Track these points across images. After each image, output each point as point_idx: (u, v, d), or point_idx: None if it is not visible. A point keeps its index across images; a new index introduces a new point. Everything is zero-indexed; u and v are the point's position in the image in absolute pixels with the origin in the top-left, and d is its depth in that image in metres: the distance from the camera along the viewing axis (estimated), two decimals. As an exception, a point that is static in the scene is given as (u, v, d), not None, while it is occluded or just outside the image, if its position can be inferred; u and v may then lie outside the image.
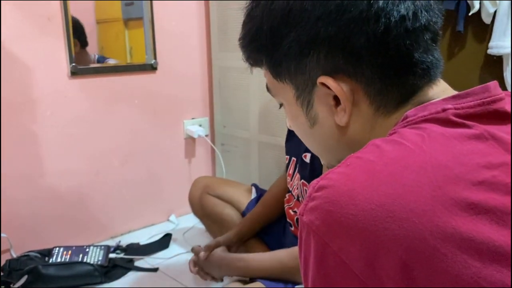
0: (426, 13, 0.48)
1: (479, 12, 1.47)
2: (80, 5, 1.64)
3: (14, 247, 1.60)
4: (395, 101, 0.49)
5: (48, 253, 1.57)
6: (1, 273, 1.47)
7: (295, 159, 1.29)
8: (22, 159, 1.58)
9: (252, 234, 1.44)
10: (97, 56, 1.73)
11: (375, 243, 0.37)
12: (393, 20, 0.45)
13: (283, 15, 0.49)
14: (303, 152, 1.23)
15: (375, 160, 0.41)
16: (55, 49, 1.59)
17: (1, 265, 1.50)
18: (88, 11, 1.72)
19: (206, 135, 2.06)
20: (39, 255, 1.56)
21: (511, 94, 0.48)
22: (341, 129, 0.51)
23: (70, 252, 1.56)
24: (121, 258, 1.63)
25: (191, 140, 2.05)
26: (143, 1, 1.78)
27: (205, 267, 1.32)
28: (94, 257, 1.55)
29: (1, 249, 1.56)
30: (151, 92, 1.87)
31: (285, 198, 1.38)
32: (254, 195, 1.57)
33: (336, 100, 0.50)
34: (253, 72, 0.60)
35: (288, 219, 1.36)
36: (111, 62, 1.77)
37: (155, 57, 1.84)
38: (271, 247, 1.42)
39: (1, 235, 1.54)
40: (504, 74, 1.47)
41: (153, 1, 1.79)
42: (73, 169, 1.71)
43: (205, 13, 1.97)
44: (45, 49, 1.57)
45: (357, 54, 0.47)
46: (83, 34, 1.68)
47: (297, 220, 1.30)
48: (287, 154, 1.36)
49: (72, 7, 1.58)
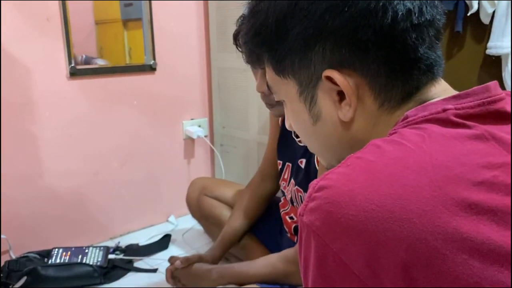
0: (430, 9, 0.48)
1: (477, 12, 1.47)
2: (79, 5, 1.64)
3: (13, 248, 1.60)
4: (399, 97, 0.49)
5: (47, 254, 1.57)
6: (1, 274, 1.47)
7: (290, 165, 1.27)
8: (21, 160, 1.58)
9: (233, 246, 1.40)
10: (84, 57, 1.72)
11: (375, 243, 0.37)
12: (400, 13, 0.46)
13: (289, 7, 0.49)
14: (299, 158, 1.22)
15: (376, 160, 0.41)
16: (54, 50, 1.59)
17: (0, 266, 1.50)
18: (87, 11, 1.72)
19: (205, 136, 2.06)
20: (38, 256, 1.55)
21: (511, 94, 0.48)
22: (344, 125, 0.51)
23: (69, 253, 1.56)
24: (121, 259, 1.63)
25: (190, 141, 2.05)
26: (142, 2, 1.78)
27: (184, 279, 1.26)
28: (94, 258, 1.55)
29: (0, 250, 1.55)
30: (150, 93, 1.86)
31: (280, 202, 1.37)
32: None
33: (340, 96, 0.50)
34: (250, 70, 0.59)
35: (285, 226, 1.35)
36: (99, 62, 1.75)
37: (154, 58, 1.84)
38: (268, 247, 1.42)
39: (1, 236, 1.54)
40: (503, 74, 1.47)
41: (152, 2, 1.79)
42: (72, 170, 1.71)
43: (204, 14, 1.97)
44: (44, 50, 1.56)
45: (364, 47, 0.47)
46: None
47: (294, 229, 1.29)
48: (279, 159, 1.33)
49: (71, 7, 1.58)
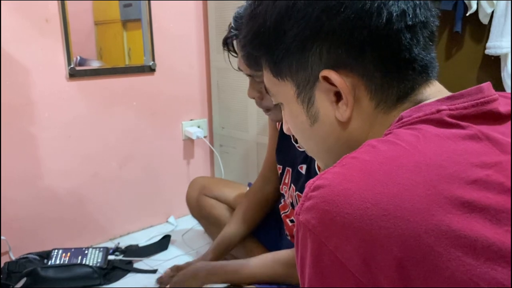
0: (424, 11, 0.49)
1: (476, 12, 1.47)
2: (78, 6, 1.64)
3: (13, 249, 1.59)
4: (394, 97, 0.50)
5: (47, 255, 1.56)
6: (0, 276, 1.47)
7: (290, 169, 1.27)
8: (21, 161, 1.58)
9: (228, 251, 1.39)
10: (79, 58, 1.70)
11: (370, 241, 0.38)
12: (394, 14, 0.47)
13: (287, 9, 0.50)
14: (299, 164, 1.21)
15: (371, 160, 0.42)
16: (53, 51, 1.58)
17: (0, 267, 1.50)
18: (86, 12, 1.72)
19: (205, 137, 2.06)
20: (38, 257, 1.55)
21: (511, 94, 0.48)
22: (341, 125, 0.52)
23: (69, 254, 1.56)
24: (120, 260, 1.63)
25: (189, 142, 2.05)
26: (141, 2, 1.78)
27: (172, 283, 1.24)
28: (93, 259, 1.54)
29: (0, 251, 1.55)
30: (149, 93, 1.86)
31: (280, 205, 1.37)
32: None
33: (337, 97, 0.51)
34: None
35: (286, 230, 1.34)
36: (94, 64, 1.73)
37: (153, 59, 1.84)
38: (268, 248, 1.41)
39: (0, 237, 1.54)
40: (502, 74, 1.48)
41: (151, 2, 1.79)
42: (72, 170, 1.70)
43: (203, 14, 1.97)
44: (43, 51, 1.56)
45: (360, 47, 0.48)
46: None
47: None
48: (279, 164, 1.32)
49: (70, 8, 1.58)
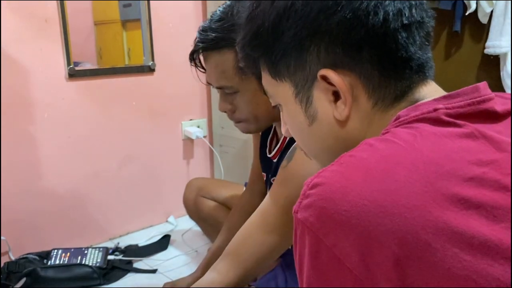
0: (420, 11, 0.50)
1: (475, 12, 1.47)
2: (78, 6, 1.64)
3: (13, 250, 1.59)
4: (392, 96, 0.50)
5: (46, 255, 1.56)
6: (0, 276, 1.47)
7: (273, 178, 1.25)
8: (20, 161, 1.58)
9: None
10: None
11: (367, 238, 0.38)
12: (391, 13, 0.47)
13: (285, 10, 0.50)
14: (271, 177, 1.16)
15: (368, 158, 0.42)
16: (53, 51, 1.58)
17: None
18: (86, 12, 1.72)
19: (204, 136, 2.06)
20: (37, 257, 1.55)
21: (511, 94, 0.49)
22: (340, 124, 0.52)
23: (68, 254, 1.56)
24: (120, 260, 1.63)
25: (189, 142, 2.05)
26: (141, 2, 1.78)
27: None
28: (93, 259, 1.54)
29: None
30: (149, 93, 1.86)
31: None
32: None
33: (335, 96, 0.51)
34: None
35: None
36: (86, 65, 1.71)
37: (152, 59, 1.84)
38: None
39: (0, 237, 1.54)
40: (501, 74, 1.48)
41: (151, 2, 1.79)
42: (71, 171, 1.70)
43: (203, 14, 1.97)
44: (42, 51, 1.56)
45: (357, 46, 0.48)
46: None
47: None
48: (263, 171, 1.29)
49: (70, 8, 1.58)
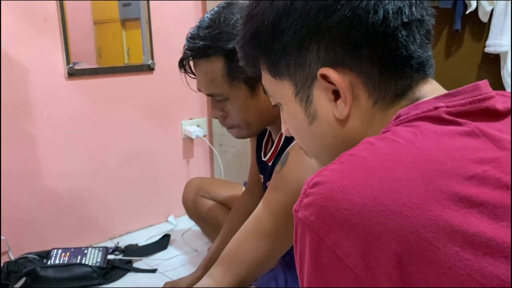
0: (420, 9, 0.50)
1: (476, 10, 1.47)
2: (77, 5, 1.64)
3: (12, 249, 1.59)
4: (392, 94, 0.50)
5: (46, 255, 1.56)
6: (0, 275, 1.46)
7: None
8: (20, 161, 1.58)
9: None
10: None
11: (368, 237, 0.38)
12: (390, 11, 0.47)
13: (284, 9, 0.50)
14: (266, 180, 1.14)
15: (369, 157, 0.42)
16: (52, 50, 1.58)
17: (-1, 267, 1.50)
18: (85, 11, 1.72)
19: (204, 136, 2.05)
20: (37, 257, 1.55)
21: (511, 93, 0.48)
22: (340, 123, 0.52)
23: (68, 253, 1.56)
24: (120, 260, 1.63)
25: (189, 141, 2.05)
26: (140, 2, 1.77)
27: None
28: (93, 258, 1.54)
29: None
30: (148, 93, 1.86)
31: None
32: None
33: (335, 95, 0.51)
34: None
35: None
36: (82, 65, 1.69)
37: (152, 58, 1.83)
38: None
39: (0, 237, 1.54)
40: (502, 72, 1.48)
41: (150, 2, 1.79)
42: (71, 170, 1.70)
43: (202, 14, 1.97)
44: (42, 50, 1.56)
45: (357, 45, 0.48)
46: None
47: None
48: (261, 173, 1.28)
49: (69, 7, 1.57)
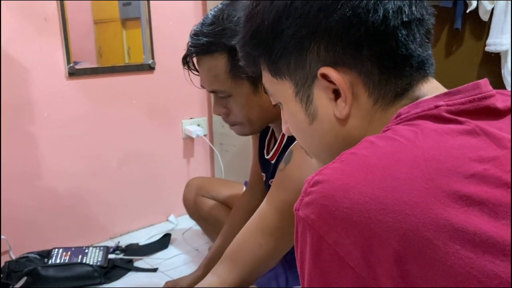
0: (420, 8, 0.50)
1: (476, 9, 1.47)
2: (77, 5, 1.64)
3: (13, 249, 1.59)
4: (392, 94, 0.50)
5: (47, 254, 1.56)
6: (1, 275, 1.47)
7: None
8: (20, 160, 1.58)
9: None
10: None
11: (369, 235, 0.38)
12: (390, 11, 0.47)
13: (285, 8, 0.50)
14: (269, 178, 1.15)
15: (369, 155, 0.42)
16: (52, 50, 1.58)
17: (0, 267, 1.50)
18: (86, 11, 1.72)
19: (205, 135, 2.05)
20: (38, 256, 1.55)
21: (511, 91, 0.48)
22: (340, 122, 0.52)
23: (69, 253, 1.56)
24: (121, 259, 1.63)
25: (189, 140, 2.05)
26: (140, 1, 1.77)
27: None
28: (94, 258, 1.55)
29: (0, 250, 1.55)
30: (149, 92, 1.86)
31: None
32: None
33: (335, 94, 0.51)
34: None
35: None
36: (83, 64, 1.70)
37: (152, 57, 1.83)
38: None
39: (0, 236, 1.54)
40: (502, 71, 1.48)
41: (150, 1, 1.79)
42: (71, 170, 1.70)
43: (203, 13, 1.97)
44: (42, 50, 1.56)
45: (357, 44, 0.48)
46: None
47: None
48: (263, 171, 1.27)
49: (69, 7, 1.57)
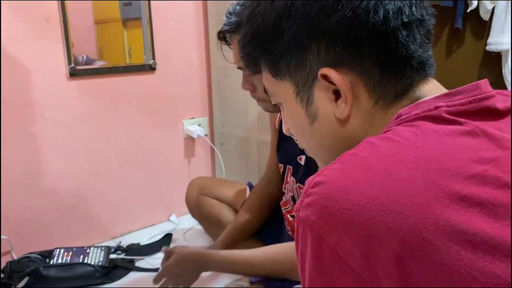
0: (420, 9, 0.50)
1: (477, 9, 1.47)
2: (78, 5, 1.64)
3: (15, 249, 1.60)
4: (393, 94, 0.50)
5: (49, 254, 1.57)
6: (2, 275, 1.47)
7: (290, 167, 1.26)
8: (22, 160, 1.58)
9: (238, 243, 1.39)
10: (85, 58, 1.71)
11: (369, 236, 0.38)
12: (391, 11, 0.47)
13: (285, 9, 0.50)
14: (298, 155, 1.20)
15: (369, 156, 0.42)
16: (53, 50, 1.58)
17: (2, 267, 1.50)
18: (86, 11, 1.72)
19: (206, 135, 2.06)
20: (40, 256, 1.56)
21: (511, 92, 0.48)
22: (340, 123, 0.52)
23: (71, 253, 1.56)
24: (122, 259, 1.63)
25: (190, 140, 2.05)
26: (141, 1, 1.77)
27: (169, 271, 1.17)
28: (95, 258, 1.55)
29: (1, 251, 1.56)
30: (150, 92, 1.86)
31: (282, 201, 1.36)
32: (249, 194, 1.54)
33: (336, 95, 0.51)
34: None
35: (286, 226, 1.34)
36: (99, 63, 1.73)
37: (153, 58, 1.84)
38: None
39: (2, 237, 1.54)
40: (503, 71, 1.47)
41: (151, 1, 1.79)
42: (73, 170, 1.71)
43: (203, 13, 1.97)
44: (43, 51, 1.56)
45: (357, 45, 0.48)
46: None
47: None
48: (280, 162, 1.32)
49: (70, 7, 1.58)
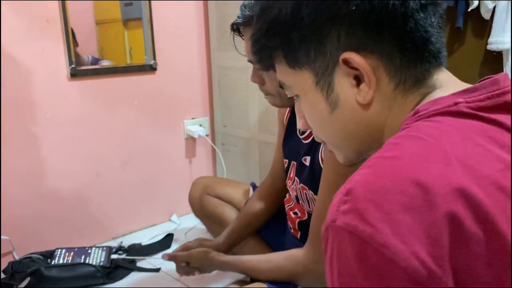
0: None
1: (478, 8, 1.47)
2: (79, 6, 1.64)
3: (16, 249, 1.60)
4: (413, 78, 0.50)
5: (50, 254, 1.57)
6: (4, 276, 1.47)
7: (295, 163, 1.27)
8: (23, 161, 1.58)
9: (241, 240, 1.40)
10: (90, 58, 1.72)
11: (417, 231, 0.37)
12: None
13: None
14: (303, 156, 1.21)
15: (398, 155, 0.42)
16: (54, 51, 1.58)
17: (3, 268, 1.50)
18: (87, 12, 1.72)
19: (207, 135, 2.06)
20: (41, 257, 1.55)
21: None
22: (363, 108, 0.52)
23: (72, 253, 1.56)
24: (123, 259, 1.63)
25: (191, 140, 2.05)
26: (142, 2, 1.78)
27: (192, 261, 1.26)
28: (96, 258, 1.55)
29: (3, 251, 1.56)
30: (150, 92, 1.86)
31: (285, 198, 1.37)
32: (252, 194, 1.54)
33: (357, 80, 0.51)
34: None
35: (289, 222, 1.34)
36: (105, 63, 1.75)
37: (154, 58, 1.84)
38: (271, 245, 1.41)
39: (3, 237, 1.54)
40: (504, 70, 1.47)
41: (152, 2, 1.79)
42: (74, 170, 1.71)
43: (204, 13, 1.97)
44: (44, 51, 1.56)
45: (378, 27, 0.48)
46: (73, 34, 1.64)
47: (299, 224, 1.28)
48: (285, 158, 1.33)
49: (71, 8, 1.58)
